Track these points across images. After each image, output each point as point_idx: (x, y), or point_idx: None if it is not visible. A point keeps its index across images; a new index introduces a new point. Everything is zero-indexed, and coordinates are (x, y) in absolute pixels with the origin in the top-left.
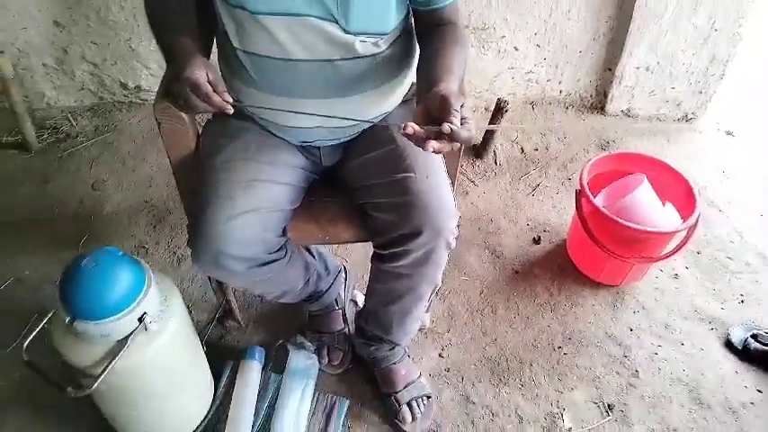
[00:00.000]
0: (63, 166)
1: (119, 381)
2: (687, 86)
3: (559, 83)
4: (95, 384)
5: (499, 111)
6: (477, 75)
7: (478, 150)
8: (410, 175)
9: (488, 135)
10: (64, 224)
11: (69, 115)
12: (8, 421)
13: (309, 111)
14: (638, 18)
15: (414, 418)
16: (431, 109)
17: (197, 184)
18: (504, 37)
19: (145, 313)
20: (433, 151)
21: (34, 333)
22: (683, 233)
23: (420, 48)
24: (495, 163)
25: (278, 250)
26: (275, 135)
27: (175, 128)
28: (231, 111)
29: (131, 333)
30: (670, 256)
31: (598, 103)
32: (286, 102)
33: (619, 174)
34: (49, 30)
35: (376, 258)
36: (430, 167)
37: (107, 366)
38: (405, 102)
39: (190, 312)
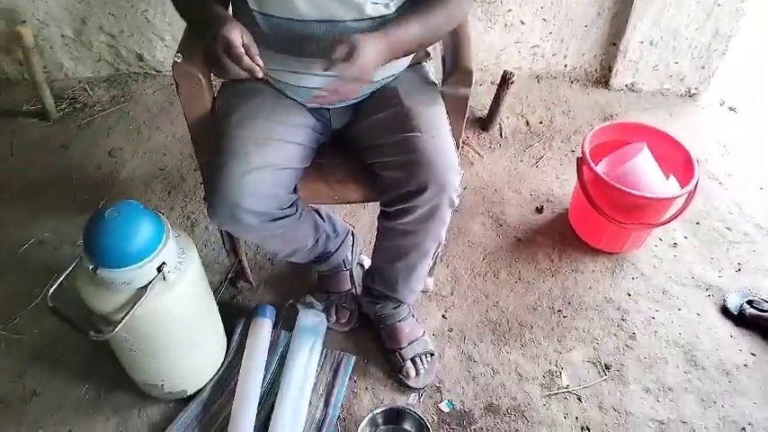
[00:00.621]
0: (81, 134)
1: (138, 327)
2: (690, 61)
3: (564, 57)
4: (116, 329)
5: (505, 82)
6: (483, 48)
7: (484, 123)
8: (416, 135)
9: (494, 108)
10: (82, 189)
11: (87, 86)
12: (30, 375)
13: (319, 71)
14: None
15: (417, 374)
16: None
17: (213, 142)
18: (510, 11)
19: (164, 263)
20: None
21: (59, 281)
22: (682, 200)
23: None
24: (501, 135)
25: (289, 206)
26: (288, 97)
27: (192, 88)
28: (260, 74)
29: (151, 281)
30: (668, 222)
31: (602, 78)
32: (298, 62)
33: (620, 143)
34: (68, 0)
35: (383, 216)
36: (435, 127)
37: (128, 312)
38: (412, 65)
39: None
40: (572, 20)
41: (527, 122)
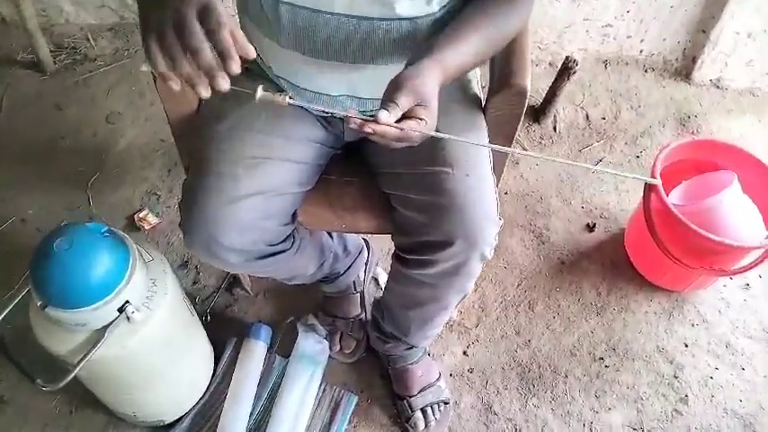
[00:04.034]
0: (78, 92)
1: (98, 370)
2: None
3: (641, 41)
4: (67, 379)
5: (566, 71)
6: (545, 23)
7: (537, 113)
8: (446, 171)
9: (549, 98)
10: (74, 159)
11: (89, 34)
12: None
13: (334, 75)
14: None
15: (427, 425)
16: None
17: (194, 151)
18: None
19: (127, 302)
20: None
21: (6, 312)
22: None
23: None
24: (554, 130)
25: (282, 241)
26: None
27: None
28: (225, 86)
29: (111, 323)
30: (746, 270)
31: (683, 69)
32: (308, 61)
33: (701, 164)
34: None
35: (396, 258)
36: (472, 163)
37: (82, 359)
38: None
39: (197, 274)
40: None
41: (587, 116)
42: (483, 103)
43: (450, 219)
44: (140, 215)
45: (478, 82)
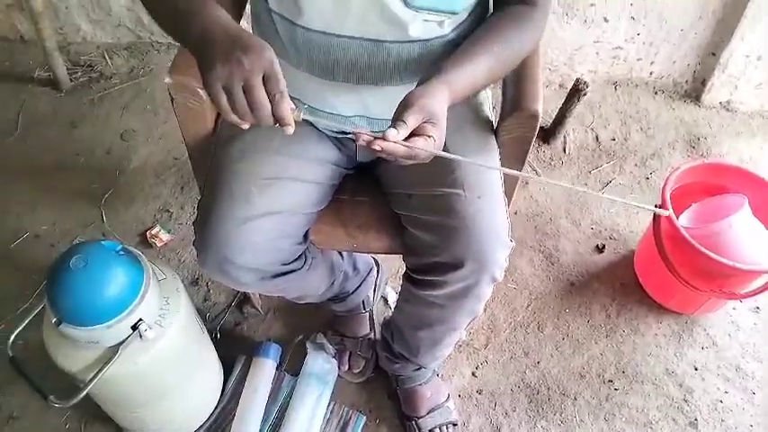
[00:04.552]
0: (93, 110)
1: (111, 387)
2: None
3: (651, 63)
4: (80, 396)
5: (576, 93)
6: (555, 45)
7: (547, 135)
8: (457, 192)
9: (559, 119)
10: (88, 176)
11: (105, 53)
12: (8, 394)
13: (348, 96)
14: None
15: None
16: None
17: (210, 172)
18: (593, 5)
19: (140, 320)
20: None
21: (20, 328)
22: None
23: None
24: (564, 151)
25: (295, 260)
26: (305, 122)
27: (192, 104)
28: (291, 130)
29: (124, 341)
30: (755, 294)
31: (693, 92)
32: (321, 83)
33: (711, 187)
34: None
35: (406, 279)
36: (484, 185)
37: (95, 376)
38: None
39: (208, 291)
40: (666, 21)
41: (597, 138)
42: (495, 126)
43: (460, 241)
44: (152, 232)
45: (491, 105)
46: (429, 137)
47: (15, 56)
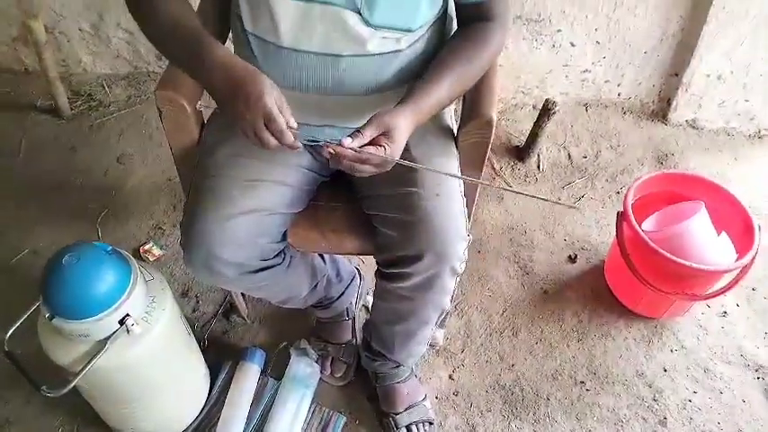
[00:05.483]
0: (92, 136)
1: (98, 380)
2: (763, 100)
3: (618, 85)
4: (70, 386)
5: (546, 112)
6: (527, 69)
7: (521, 153)
8: (417, 191)
9: (532, 138)
10: (86, 196)
11: (104, 82)
12: (4, 399)
13: (315, 107)
14: (714, 21)
15: None
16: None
17: (194, 177)
18: (560, 31)
19: (127, 315)
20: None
21: (17, 325)
22: (736, 272)
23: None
24: (538, 168)
25: (274, 257)
26: None
27: (178, 116)
28: (299, 148)
29: (112, 335)
30: (717, 295)
31: (660, 111)
32: (292, 95)
33: (673, 196)
34: None
35: (378, 275)
36: (441, 184)
37: (84, 368)
38: None
39: (197, 302)
40: (630, 45)
41: (569, 155)
42: (455, 133)
43: (420, 234)
44: (145, 247)
45: (452, 114)
46: (381, 146)
47: (20, 86)
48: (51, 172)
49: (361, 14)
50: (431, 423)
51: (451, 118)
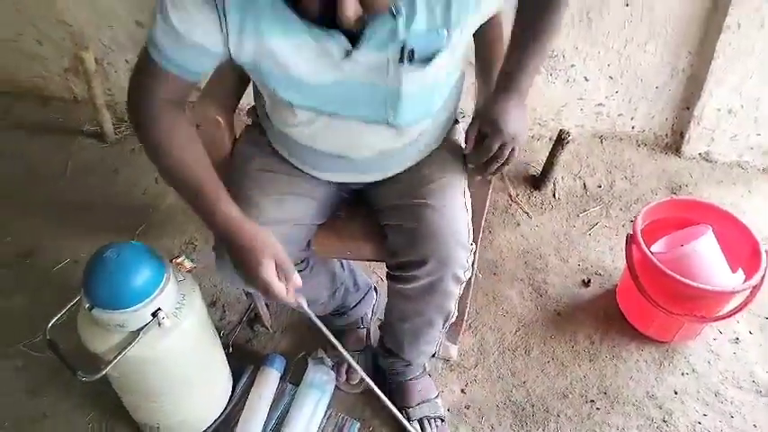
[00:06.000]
0: (134, 158)
1: (130, 370)
2: None
3: (632, 118)
4: (105, 371)
5: (560, 142)
6: (542, 102)
7: (537, 181)
8: (425, 202)
9: (548, 167)
10: (125, 213)
11: None
12: (42, 394)
13: (360, 165)
14: (721, 56)
15: None
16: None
17: (227, 186)
18: (573, 66)
19: (159, 309)
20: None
21: (59, 316)
22: (745, 294)
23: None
24: (554, 196)
25: (300, 263)
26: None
27: (213, 131)
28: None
29: (144, 326)
30: (726, 317)
31: (673, 144)
32: (336, 160)
33: (682, 222)
34: (131, 28)
35: (388, 277)
36: (447, 196)
37: (117, 355)
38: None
39: (224, 312)
40: (642, 79)
41: (584, 185)
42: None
43: (424, 242)
44: (178, 260)
45: (461, 132)
46: (495, 138)
47: (69, 113)
48: (94, 191)
49: (388, 122)
50: (443, 420)
51: (461, 135)
